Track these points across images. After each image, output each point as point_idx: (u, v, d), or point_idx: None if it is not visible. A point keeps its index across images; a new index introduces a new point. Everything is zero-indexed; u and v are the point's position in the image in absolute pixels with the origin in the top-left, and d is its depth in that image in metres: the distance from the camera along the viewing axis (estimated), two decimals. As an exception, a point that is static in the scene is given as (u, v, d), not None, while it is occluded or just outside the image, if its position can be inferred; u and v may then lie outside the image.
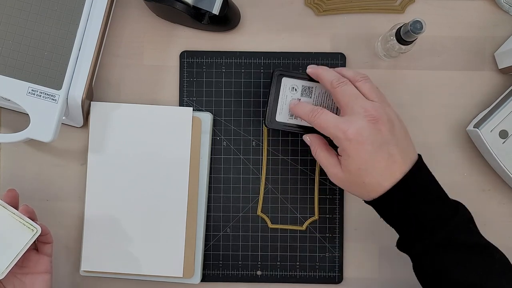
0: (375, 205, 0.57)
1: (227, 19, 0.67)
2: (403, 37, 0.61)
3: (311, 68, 0.61)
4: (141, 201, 0.67)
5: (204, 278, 0.69)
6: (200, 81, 0.69)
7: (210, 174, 0.69)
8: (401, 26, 0.61)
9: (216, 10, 0.65)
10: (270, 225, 0.69)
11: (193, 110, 0.68)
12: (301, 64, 0.69)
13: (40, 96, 0.61)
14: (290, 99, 0.63)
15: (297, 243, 0.69)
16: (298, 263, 0.69)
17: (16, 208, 0.60)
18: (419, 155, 0.57)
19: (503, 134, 0.65)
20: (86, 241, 0.67)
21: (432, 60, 0.70)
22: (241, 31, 0.70)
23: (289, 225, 0.69)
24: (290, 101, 0.63)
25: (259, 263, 0.69)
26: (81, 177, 0.69)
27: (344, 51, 0.70)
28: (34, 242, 0.59)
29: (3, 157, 0.70)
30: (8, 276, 0.58)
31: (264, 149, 0.69)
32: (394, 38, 0.63)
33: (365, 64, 0.70)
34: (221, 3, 0.65)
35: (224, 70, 0.70)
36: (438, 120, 0.70)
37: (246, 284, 0.69)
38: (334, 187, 0.69)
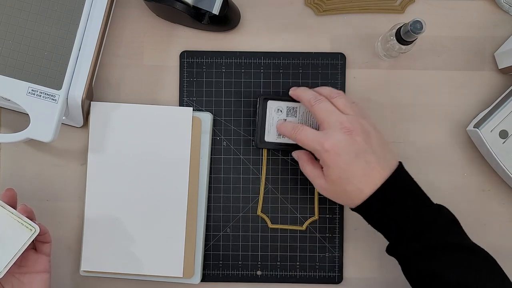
0: (359, 211, 0.60)
1: (227, 19, 0.67)
2: (403, 37, 0.61)
3: (292, 90, 0.66)
4: (141, 201, 0.67)
5: (204, 278, 0.69)
6: (200, 81, 0.69)
7: (210, 174, 0.69)
8: (401, 26, 0.61)
9: (216, 10, 0.65)
10: (270, 225, 0.69)
11: (193, 110, 0.68)
12: (301, 64, 0.69)
13: (40, 96, 0.61)
14: (276, 119, 0.67)
15: (297, 243, 0.69)
16: (298, 263, 0.69)
17: (15, 207, 0.60)
18: (400, 162, 0.60)
19: (503, 134, 0.65)
20: (86, 241, 0.67)
21: (432, 60, 0.70)
22: (241, 31, 0.70)
23: (289, 225, 0.69)
24: (277, 122, 0.66)
25: (259, 263, 0.69)
26: (81, 177, 0.69)
27: (344, 51, 0.70)
28: (32, 241, 0.59)
29: (3, 157, 0.70)
30: (7, 276, 0.58)
31: (264, 149, 0.69)
32: (394, 38, 0.63)
33: (365, 64, 0.70)
34: (221, 3, 0.65)
35: (224, 70, 0.70)
36: (438, 120, 0.70)
37: (246, 284, 0.69)
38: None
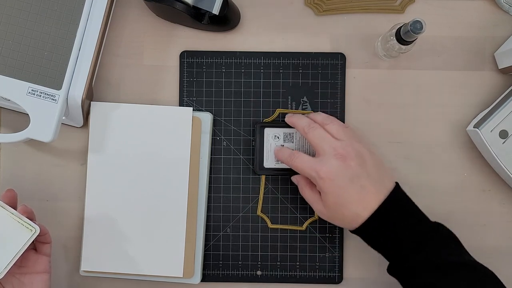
0: (358, 234, 0.61)
1: (227, 19, 0.67)
2: (403, 37, 0.61)
3: (288, 117, 0.67)
4: (141, 201, 0.67)
5: (204, 278, 0.69)
6: (200, 81, 0.69)
7: (210, 174, 0.69)
8: (401, 26, 0.61)
9: (216, 10, 0.65)
10: (270, 225, 0.69)
11: (193, 110, 0.68)
12: (301, 64, 0.69)
13: (40, 96, 0.61)
14: (274, 146, 0.68)
15: (297, 243, 0.69)
16: (298, 263, 0.69)
17: (15, 208, 0.60)
18: (396, 183, 0.61)
19: (503, 134, 0.65)
20: (86, 241, 0.67)
21: (432, 60, 0.70)
22: (241, 31, 0.70)
23: (289, 225, 0.69)
24: (274, 148, 0.68)
25: (259, 263, 0.69)
26: (81, 177, 0.69)
27: (344, 51, 0.70)
28: (32, 242, 0.59)
29: (3, 157, 0.70)
30: (7, 276, 0.58)
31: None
32: (394, 38, 0.62)
33: (365, 64, 0.70)
34: (221, 3, 0.65)
35: (224, 70, 0.69)
36: (438, 120, 0.70)
37: (246, 284, 0.69)
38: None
